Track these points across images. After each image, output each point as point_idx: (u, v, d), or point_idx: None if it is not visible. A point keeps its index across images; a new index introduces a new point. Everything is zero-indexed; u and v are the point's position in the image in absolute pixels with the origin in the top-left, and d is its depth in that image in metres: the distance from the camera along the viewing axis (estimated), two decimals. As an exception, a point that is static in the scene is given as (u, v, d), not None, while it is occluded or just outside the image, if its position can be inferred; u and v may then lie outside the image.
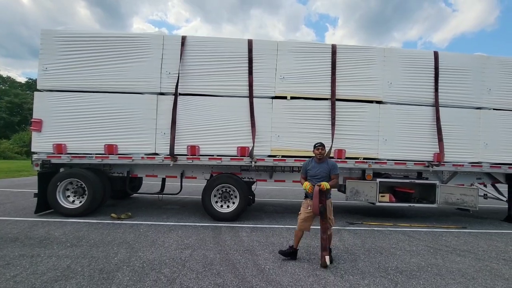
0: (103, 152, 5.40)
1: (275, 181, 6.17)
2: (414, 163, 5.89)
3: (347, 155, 5.73)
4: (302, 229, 3.81)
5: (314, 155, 3.85)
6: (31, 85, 48.23)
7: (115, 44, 5.48)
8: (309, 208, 3.72)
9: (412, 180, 6.09)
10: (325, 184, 3.54)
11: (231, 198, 5.74)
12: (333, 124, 5.61)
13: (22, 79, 51.31)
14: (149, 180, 6.84)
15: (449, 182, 6.27)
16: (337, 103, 5.70)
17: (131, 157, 5.43)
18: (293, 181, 6.12)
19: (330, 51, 5.71)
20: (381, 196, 5.93)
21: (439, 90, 5.94)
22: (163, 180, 6.43)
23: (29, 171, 13.48)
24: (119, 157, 5.42)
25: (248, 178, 6.02)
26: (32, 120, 5.43)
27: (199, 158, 5.49)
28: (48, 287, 2.81)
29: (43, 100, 5.47)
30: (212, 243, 4.30)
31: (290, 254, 3.81)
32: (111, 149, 5.37)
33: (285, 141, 5.61)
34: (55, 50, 5.41)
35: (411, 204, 6.06)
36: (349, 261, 3.81)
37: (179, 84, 5.41)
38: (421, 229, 5.59)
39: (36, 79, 5.60)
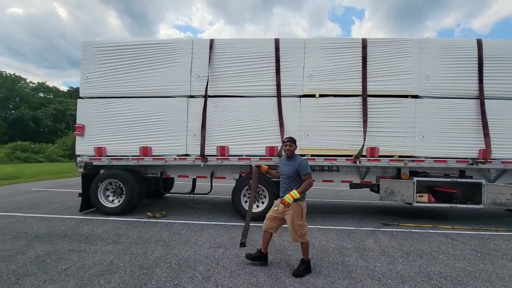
0: (138, 154, 5.70)
1: (304, 180, 6.07)
2: (456, 161, 5.48)
3: (380, 153, 5.49)
4: (267, 229, 3.45)
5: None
6: (71, 93, 52.37)
7: (147, 51, 5.75)
8: (276, 208, 3.38)
9: (454, 179, 5.65)
10: (288, 198, 3.12)
11: (261, 198, 5.76)
12: (365, 122, 5.40)
13: (64, 88, 55.88)
14: (180, 180, 7.09)
15: (497, 181, 5.73)
16: (369, 99, 5.48)
17: (164, 159, 5.66)
18: (323, 181, 6.00)
19: (360, 45, 5.50)
20: (419, 196, 5.59)
21: (484, 81, 5.46)
22: (194, 180, 6.62)
23: (73, 172, 14.63)
24: (153, 158, 5.68)
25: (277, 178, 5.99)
26: (76, 125, 5.88)
27: (229, 158, 5.58)
28: (95, 280, 3.01)
29: (85, 106, 5.90)
30: (243, 243, 4.34)
31: (257, 258, 3.48)
32: (145, 151, 5.65)
33: (315, 140, 5.51)
34: (95, 60, 5.82)
35: (453, 205, 5.63)
36: (386, 264, 3.64)
37: (208, 86, 5.54)
38: (465, 231, 5.18)
39: (77, 87, 6.04)
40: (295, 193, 3.14)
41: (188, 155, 5.68)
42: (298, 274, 3.20)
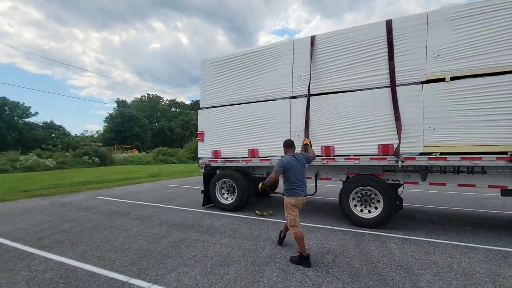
0: (247, 156, 6.12)
1: (431, 184, 4.99)
2: None
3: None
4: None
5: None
6: (193, 106, 63.18)
7: (251, 59, 6.11)
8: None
9: None
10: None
11: (373, 203, 5.11)
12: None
13: (188, 102, 68.15)
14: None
15: None
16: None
17: (269, 160, 5.86)
18: (459, 185, 4.77)
19: (515, 3, 4.04)
20: None
21: None
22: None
23: (196, 172, 17.45)
24: (260, 160, 5.98)
25: (392, 180, 5.18)
26: (198, 132, 6.90)
27: (334, 158, 5.22)
28: (216, 269, 3.35)
29: (204, 116, 6.84)
30: (355, 251, 3.93)
31: (301, 261, 3.53)
32: (253, 153, 6.01)
33: (445, 135, 4.42)
34: (210, 74, 6.67)
35: None
36: None
37: (310, 84, 5.37)
38: None
39: (197, 100, 7.08)
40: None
41: (292, 156, 5.66)
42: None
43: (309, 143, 4.87)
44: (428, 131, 4.53)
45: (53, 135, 44.35)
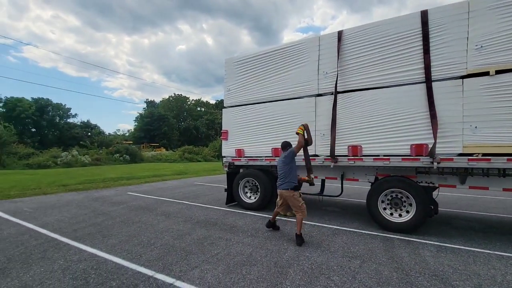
0: (271, 155, 6.05)
1: (471, 187, 4.58)
2: None
3: None
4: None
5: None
6: (217, 105, 64.32)
7: (275, 57, 6.01)
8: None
9: None
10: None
11: (404, 206, 4.80)
12: None
13: (212, 101, 69.59)
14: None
15: None
16: None
17: (293, 159, 5.73)
18: (504, 189, 4.32)
19: None
20: None
21: None
22: (323, 181, 6.37)
23: (220, 170, 17.70)
24: (283, 159, 5.87)
25: (426, 182, 4.83)
26: (222, 131, 6.95)
27: (362, 159, 4.98)
28: (238, 269, 3.33)
29: (228, 115, 6.87)
30: (384, 257, 3.71)
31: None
32: (277, 152, 5.91)
33: (489, 134, 4.02)
34: (234, 73, 6.67)
35: None
36: None
37: (337, 81, 5.17)
38: None
39: (221, 99, 7.13)
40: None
41: (317, 155, 5.50)
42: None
43: (302, 130, 4.52)
44: (468, 130, 4.14)
45: (89, 133, 47.53)
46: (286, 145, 4.70)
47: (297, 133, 4.55)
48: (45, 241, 4.28)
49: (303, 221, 4.46)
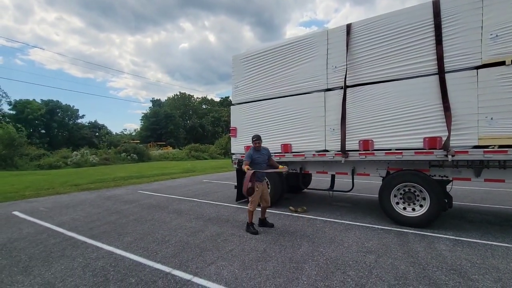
0: (280, 151, 6.04)
1: (486, 180, 4.51)
2: None
3: None
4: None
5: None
6: (222, 103, 64.39)
7: (283, 52, 5.98)
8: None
9: None
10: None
11: (418, 200, 4.75)
12: None
13: (217, 99, 69.59)
14: (316, 176, 6.99)
15: None
16: None
17: (303, 155, 5.72)
18: (519, 182, 4.24)
19: None
20: None
21: None
22: (333, 176, 6.34)
23: (228, 167, 17.78)
24: (293, 155, 5.86)
25: (440, 176, 4.77)
26: (230, 128, 6.96)
27: (373, 153, 4.93)
28: (254, 265, 3.35)
29: (236, 111, 6.88)
30: (400, 252, 3.69)
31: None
32: (286, 148, 5.92)
33: (505, 125, 3.92)
34: (241, 70, 6.66)
35: None
36: None
37: (346, 75, 5.12)
38: None
39: (226, 97, 7.12)
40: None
41: (327, 150, 5.48)
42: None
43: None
44: (484, 121, 4.06)
45: (97, 133, 48.18)
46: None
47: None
48: (63, 240, 4.38)
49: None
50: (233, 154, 6.98)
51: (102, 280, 3.05)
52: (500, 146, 4.00)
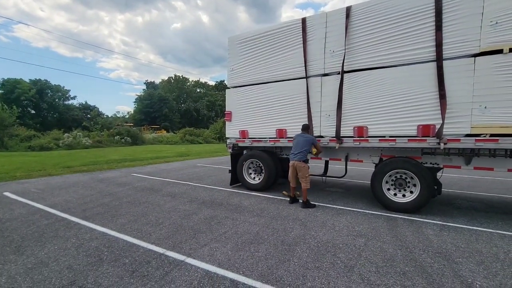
0: (275, 136, 6.03)
1: (475, 168, 4.60)
2: None
3: None
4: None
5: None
6: (217, 86, 63.44)
7: (280, 35, 5.82)
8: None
9: None
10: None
11: (408, 187, 4.85)
12: None
13: (211, 83, 68.46)
14: (311, 161, 7.03)
15: None
16: None
17: (298, 140, 5.71)
18: (509, 170, 4.34)
19: None
20: None
21: None
22: (326, 162, 6.40)
23: (222, 152, 17.79)
24: (288, 140, 5.86)
25: (431, 163, 4.85)
26: (225, 112, 6.88)
27: (368, 140, 4.96)
28: (247, 247, 3.42)
29: (231, 95, 6.77)
30: (388, 236, 3.80)
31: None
32: (281, 133, 5.90)
33: (498, 114, 3.96)
34: (237, 52, 6.49)
35: None
36: None
37: (344, 60, 5.04)
38: None
39: (221, 81, 6.96)
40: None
41: (322, 136, 5.48)
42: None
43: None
44: (477, 110, 4.09)
45: (88, 115, 47.28)
46: (307, 127, 5.35)
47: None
48: (56, 221, 4.37)
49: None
50: (228, 138, 6.95)
51: (96, 260, 3.08)
52: (492, 135, 4.05)
